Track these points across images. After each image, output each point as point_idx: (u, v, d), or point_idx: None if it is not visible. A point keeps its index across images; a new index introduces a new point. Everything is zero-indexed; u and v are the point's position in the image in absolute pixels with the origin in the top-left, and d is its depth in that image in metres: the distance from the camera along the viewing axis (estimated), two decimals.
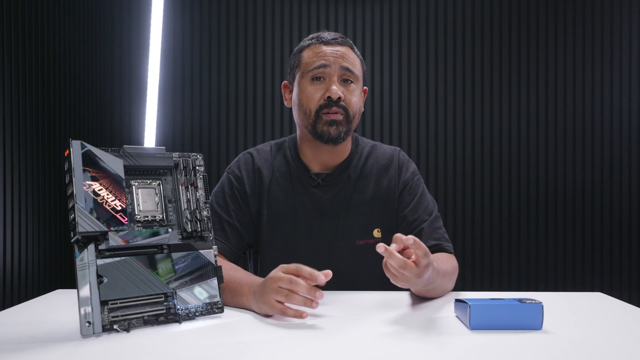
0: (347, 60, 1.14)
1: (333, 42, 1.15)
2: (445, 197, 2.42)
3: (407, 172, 1.23)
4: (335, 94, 1.11)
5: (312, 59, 1.15)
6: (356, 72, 1.16)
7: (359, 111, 1.18)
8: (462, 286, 2.36)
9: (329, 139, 1.13)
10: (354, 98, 1.15)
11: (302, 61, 1.17)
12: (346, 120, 1.14)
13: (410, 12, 2.43)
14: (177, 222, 0.89)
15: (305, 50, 1.18)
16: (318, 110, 1.13)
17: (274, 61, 2.44)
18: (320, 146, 1.17)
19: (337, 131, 1.13)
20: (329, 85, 1.13)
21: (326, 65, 1.13)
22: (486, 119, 2.42)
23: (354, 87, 1.16)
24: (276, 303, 0.87)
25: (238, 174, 1.22)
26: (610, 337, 0.77)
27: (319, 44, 1.16)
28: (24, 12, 1.84)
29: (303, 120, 1.16)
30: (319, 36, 1.17)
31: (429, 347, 0.73)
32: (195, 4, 2.42)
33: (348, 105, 1.14)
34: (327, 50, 1.14)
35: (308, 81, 1.15)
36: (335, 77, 1.13)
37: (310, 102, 1.14)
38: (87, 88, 2.29)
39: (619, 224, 2.37)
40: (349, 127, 1.15)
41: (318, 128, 1.13)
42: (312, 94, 1.14)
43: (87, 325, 0.76)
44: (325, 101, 1.12)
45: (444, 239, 1.17)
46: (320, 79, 1.14)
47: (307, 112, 1.14)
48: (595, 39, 2.39)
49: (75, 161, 0.79)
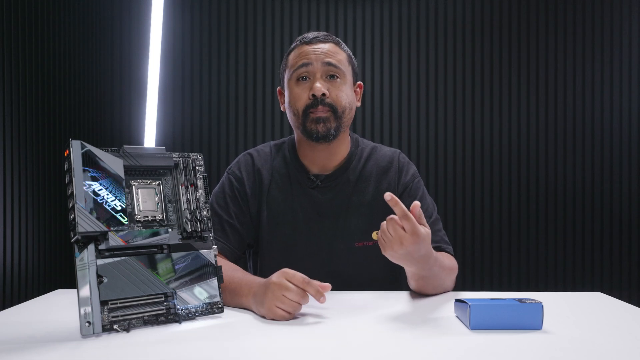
0: (329, 56, 1.15)
1: (315, 40, 1.17)
2: (445, 197, 2.42)
3: (407, 175, 1.23)
4: (318, 91, 1.12)
5: (295, 60, 1.16)
6: (341, 68, 1.16)
7: (349, 106, 1.17)
8: (462, 286, 2.36)
9: (318, 136, 1.14)
10: (341, 93, 1.15)
11: (288, 64, 1.19)
12: (334, 117, 1.14)
13: (410, 12, 2.43)
14: (177, 222, 0.89)
15: (290, 53, 1.20)
16: (305, 110, 1.14)
17: (274, 61, 2.44)
18: (315, 146, 1.18)
19: (325, 128, 1.13)
20: (312, 83, 1.14)
21: (308, 63, 1.14)
22: (486, 119, 2.42)
23: (340, 82, 1.16)
24: (278, 310, 0.86)
25: (238, 175, 1.22)
26: (610, 337, 0.77)
27: (302, 44, 1.17)
28: (24, 12, 1.84)
29: (294, 122, 1.18)
30: (302, 37, 1.19)
31: (429, 347, 0.73)
32: (195, 4, 2.42)
33: (335, 101, 1.14)
34: (309, 49, 1.16)
35: (294, 82, 1.16)
36: (319, 74, 1.14)
37: (298, 102, 1.15)
38: (87, 88, 2.29)
39: (619, 224, 2.37)
40: (339, 123, 1.15)
41: (307, 127, 1.14)
42: (299, 94, 1.15)
43: (87, 325, 0.76)
44: (310, 100, 1.13)
45: (443, 242, 1.17)
46: (306, 79, 1.15)
47: (296, 112, 1.16)
48: (595, 39, 2.39)
49: (75, 161, 0.79)
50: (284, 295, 0.86)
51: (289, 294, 0.86)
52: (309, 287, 0.87)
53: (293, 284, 0.87)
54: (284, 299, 0.86)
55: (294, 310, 0.87)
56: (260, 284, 0.92)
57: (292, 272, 0.88)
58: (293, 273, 0.88)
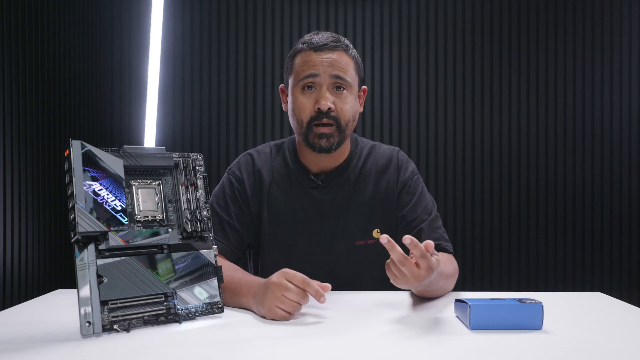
0: (337, 68, 1.12)
1: (324, 47, 1.13)
2: (445, 197, 2.41)
3: (406, 172, 1.23)
4: (324, 106, 1.10)
5: (302, 68, 1.14)
6: (348, 79, 1.13)
7: (352, 118, 1.16)
8: (462, 286, 2.36)
9: (321, 150, 1.13)
10: (346, 106, 1.14)
11: (293, 68, 1.16)
12: (338, 131, 1.13)
13: (410, 12, 2.43)
14: (177, 222, 0.89)
15: (297, 56, 1.16)
16: (310, 122, 1.13)
17: (274, 61, 2.44)
18: (317, 154, 1.17)
19: (328, 143, 1.13)
20: (318, 95, 1.12)
21: (315, 74, 1.12)
22: (486, 119, 2.42)
23: (346, 94, 1.14)
24: (278, 310, 0.86)
25: (239, 175, 1.22)
26: (610, 337, 0.77)
27: (310, 50, 1.13)
28: (24, 12, 1.84)
29: (297, 129, 1.17)
30: (310, 41, 1.14)
31: (429, 347, 0.73)
32: (195, 4, 2.42)
33: (339, 114, 1.13)
34: (317, 59, 1.12)
35: (299, 90, 1.14)
36: (326, 87, 1.12)
37: (302, 112, 1.13)
38: (87, 88, 2.29)
39: (619, 224, 2.37)
40: (342, 137, 1.15)
41: (310, 139, 1.13)
42: (304, 104, 1.13)
43: (87, 325, 0.76)
44: (316, 113, 1.12)
45: (443, 239, 1.17)
46: (311, 88, 1.13)
47: (299, 122, 1.14)
48: (595, 39, 2.39)
49: (75, 161, 0.79)
50: (284, 295, 0.86)
51: (289, 294, 0.86)
52: (308, 288, 0.87)
53: (293, 284, 0.87)
54: (284, 299, 0.86)
55: (294, 311, 0.87)
56: (260, 284, 0.92)
57: (292, 272, 0.88)
58: (293, 273, 0.88)
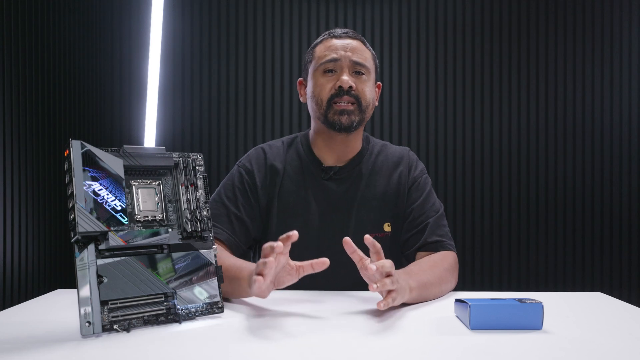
0: (357, 54, 1.18)
1: (344, 35, 1.20)
2: (445, 197, 2.41)
3: (417, 170, 1.27)
4: (346, 83, 1.15)
5: (323, 53, 1.19)
6: (367, 65, 1.19)
7: (372, 102, 1.21)
8: (462, 286, 2.36)
9: (341, 127, 1.16)
10: (367, 88, 1.19)
11: (314, 55, 1.22)
12: (359, 110, 1.17)
13: (410, 12, 2.43)
14: (177, 222, 0.89)
15: (318, 46, 1.22)
16: (329, 100, 1.16)
17: (275, 61, 2.44)
18: (333, 136, 1.20)
19: (349, 120, 1.16)
20: (340, 76, 1.16)
21: (337, 59, 1.17)
22: (486, 119, 2.42)
23: (365, 78, 1.19)
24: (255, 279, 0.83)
25: (249, 167, 1.24)
26: (610, 337, 0.77)
27: (330, 38, 1.20)
28: (24, 12, 1.84)
29: (316, 112, 1.20)
30: (330, 32, 1.22)
31: (429, 347, 0.73)
32: (195, 4, 2.42)
33: (360, 94, 1.17)
34: (338, 43, 1.18)
35: (320, 74, 1.19)
36: (346, 69, 1.17)
37: (322, 92, 1.17)
38: (87, 88, 2.29)
39: (619, 224, 2.37)
40: (362, 117, 1.18)
41: (329, 117, 1.16)
42: (324, 85, 1.18)
43: (87, 325, 0.76)
44: (336, 90, 1.16)
45: (447, 237, 1.20)
46: (332, 72, 1.18)
47: (319, 102, 1.18)
48: (595, 39, 2.39)
49: (75, 161, 0.79)
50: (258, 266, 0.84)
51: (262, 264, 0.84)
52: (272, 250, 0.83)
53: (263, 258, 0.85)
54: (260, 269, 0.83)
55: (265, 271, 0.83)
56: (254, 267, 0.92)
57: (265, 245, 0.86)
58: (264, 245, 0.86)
